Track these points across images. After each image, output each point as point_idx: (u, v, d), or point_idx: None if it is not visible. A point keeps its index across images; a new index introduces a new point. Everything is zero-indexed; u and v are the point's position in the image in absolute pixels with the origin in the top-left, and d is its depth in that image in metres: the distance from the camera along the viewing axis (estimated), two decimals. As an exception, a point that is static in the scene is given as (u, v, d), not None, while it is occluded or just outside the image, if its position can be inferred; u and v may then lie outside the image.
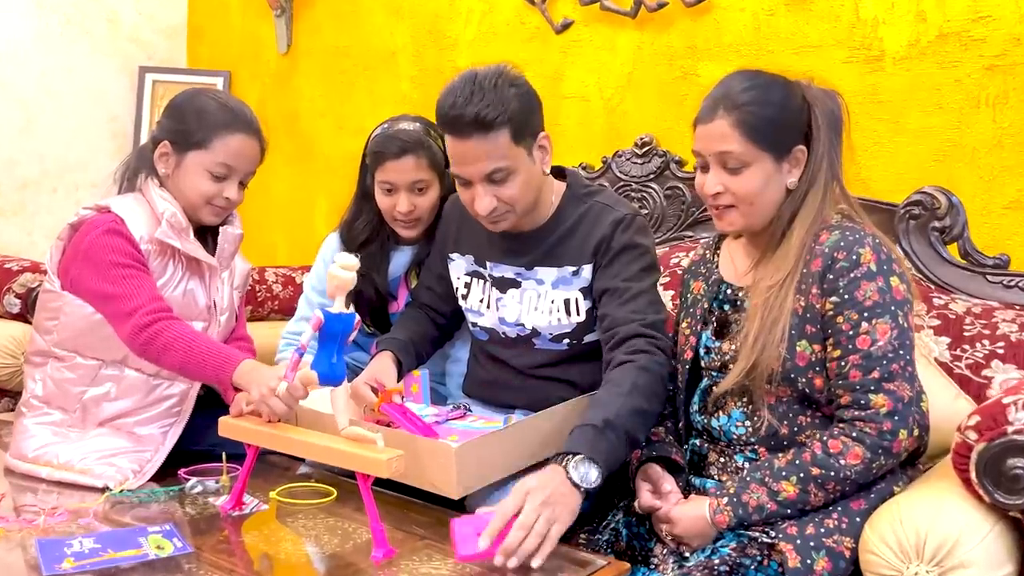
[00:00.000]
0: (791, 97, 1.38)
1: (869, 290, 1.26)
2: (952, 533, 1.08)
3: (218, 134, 1.46)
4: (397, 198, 1.75)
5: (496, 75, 1.45)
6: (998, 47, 1.98)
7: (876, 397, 1.23)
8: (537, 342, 1.59)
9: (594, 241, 1.54)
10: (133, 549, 1.09)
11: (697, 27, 2.41)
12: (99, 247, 1.39)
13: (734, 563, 1.20)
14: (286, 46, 3.40)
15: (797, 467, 1.25)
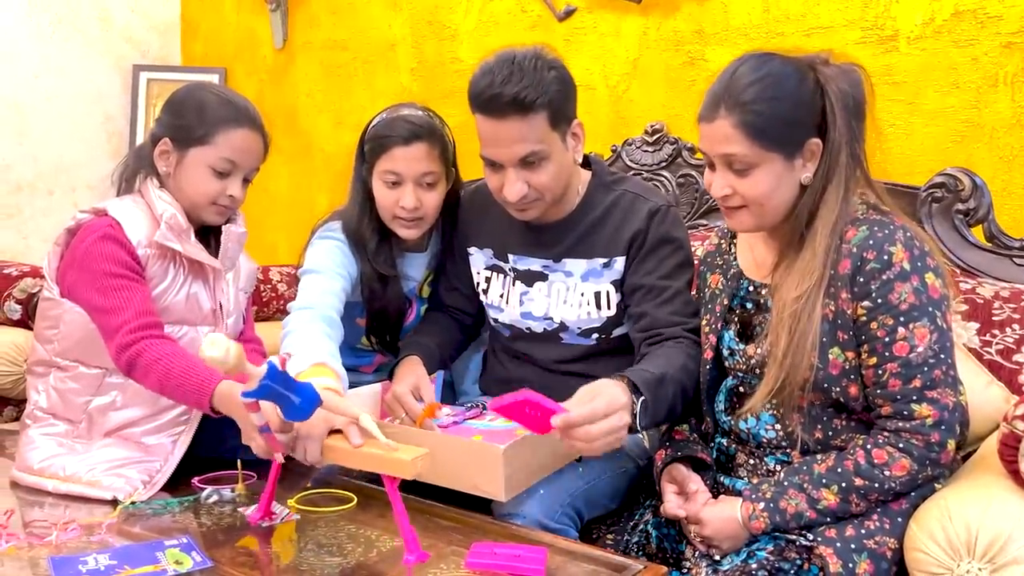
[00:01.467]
0: (801, 88, 1.25)
1: (904, 292, 1.19)
2: (1004, 528, 1.04)
3: (221, 129, 1.41)
4: (402, 192, 1.58)
5: (535, 56, 1.41)
6: (1015, 24, 1.93)
7: (920, 407, 1.17)
8: (565, 336, 1.55)
9: (629, 233, 1.49)
10: (151, 565, 1.05)
11: (704, 11, 2.36)
12: (93, 254, 1.34)
13: (772, 567, 1.16)
14: (282, 41, 3.34)
15: (839, 475, 1.20)
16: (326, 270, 1.58)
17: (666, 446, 1.39)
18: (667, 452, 1.37)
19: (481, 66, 1.44)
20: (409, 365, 1.54)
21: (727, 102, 1.24)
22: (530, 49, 1.43)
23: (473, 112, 1.45)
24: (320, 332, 1.43)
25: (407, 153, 1.57)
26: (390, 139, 1.58)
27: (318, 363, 1.34)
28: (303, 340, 1.40)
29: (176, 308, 1.42)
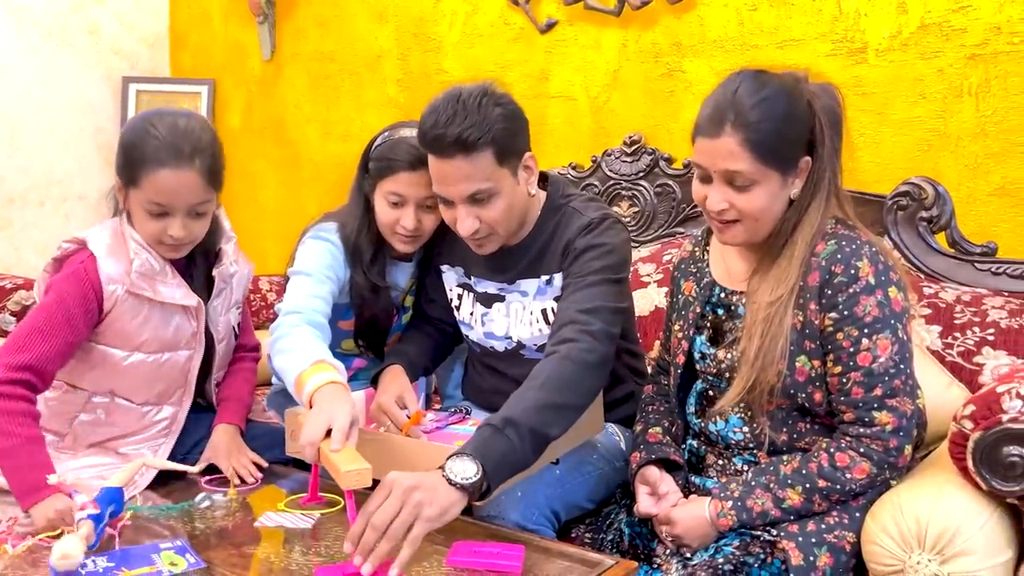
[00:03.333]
0: (798, 107, 1.29)
1: (869, 305, 1.24)
2: (952, 522, 1.10)
3: (145, 171, 1.35)
4: (403, 212, 1.61)
5: (481, 94, 1.42)
6: (979, 36, 2.01)
7: (880, 415, 1.23)
8: (525, 353, 1.59)
9: (562, 247, 1.51)
10: (147, 566, 1.10)
11: (681, 24, 2.42)
12: (54, 292, 1.37)
13: (738, 561, 1.21)
14: (270, 52, 3.40)
15: (804, 477, 1.25)
16: (315, 273, 1.62)
17: (640, 449, 1.44)
18: (641, 455, 1.43)
19: (430, 105, 1.45)
20: (392, 375, 1.58)
21: (732, 120, 1.25)
22: (477, 86, 1.44)
23: (422, 150, 1.48)
24: (310, 335, 1.47)
25: (412, 178, 1.59)
26: (397, 163, 1.60)
27: (317, 361, 1.38)
28: (297, 343, 1.45)
29: (156, 340, 1.43)
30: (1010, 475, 1.10)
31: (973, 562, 1.09)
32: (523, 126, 1.48)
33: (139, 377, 1.43)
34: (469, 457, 1.16)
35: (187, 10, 3.66)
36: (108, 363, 1.41)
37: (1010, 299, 1.66)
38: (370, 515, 1.07)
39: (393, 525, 1.07)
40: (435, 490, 1.12)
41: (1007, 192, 1.98)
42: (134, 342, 1.42)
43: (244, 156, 3.55)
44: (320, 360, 1.38)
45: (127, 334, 1.42)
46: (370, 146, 1.72)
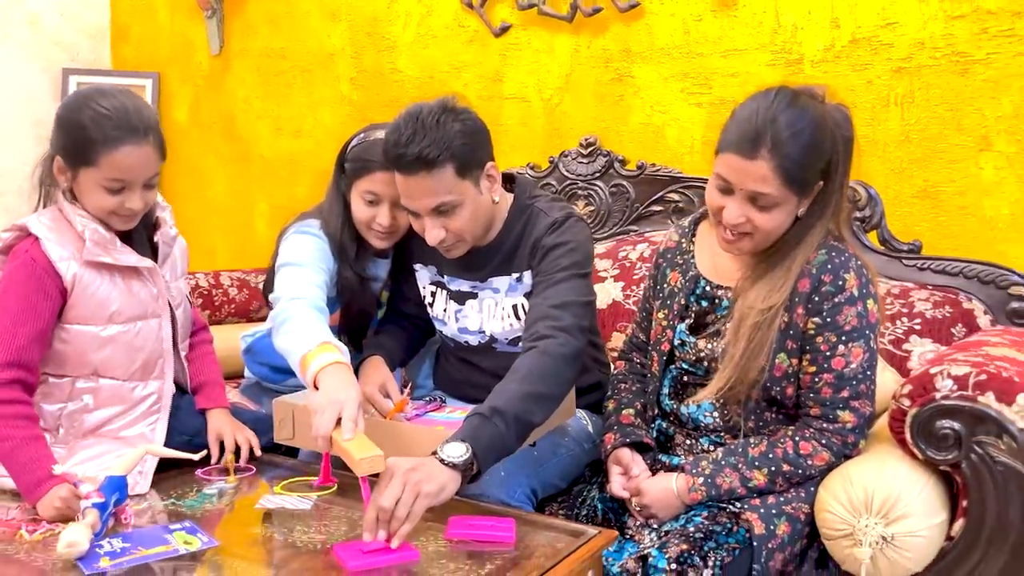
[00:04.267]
0: (825, 139, 1.35)
1: (850, 315, 1.35)
2: (895, 489, 1.25)
3: (103, 151, 1.37)
4: (378, 210, 1.68)
5: (440, 111, 1.48)
6: (904, 51, 2.18)
7: (844, 414, 1.36)
8: (497, 347, 1.68)
9: (530, 246, 1.61)
10: (162, 545, 1.15)
11: (631, 31, 2.55)
12: (6, 283, 1.39)
13: (707, 530, 1.33)
14: (218, 47, 3.40)
15: (770, 460, 1.37)
16: (308, 263, 1.67)
17: (614, 430, 1.55)
18: (615, 437, 1.53)
19: (392, 123, 1.51)
20: (375, 366, 1.65)
21: (770, 146, 1.30)
22: (438, 103, 1.50)
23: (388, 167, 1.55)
24: (315, 317, 1.53)
25: (387, 178, 1.64)
26: (372, 163, 1.66)
27: (323, 342, 1.44)
28: (302, 324, 1.50)
29: (126, 308, 1.46)
30: (943, 446, 1.25)
31: (913, 523, 1.24)
32: (483, 139, 1.55)
33: (119, 349, 1.45)
34: (460, 441, 1.27)
35: (130, 2, 3.63)
36: (86, 341, 1.43)
37: (934, 292, 1.83)
38: (377, 501, 1.17)
39: (401, 503, 1.16)
40: (431, 470, 1.21)
41: (928, 194, 2.17)
42: (106, 313, 1.44)
43: (191, 151, 3.54)
44: (325, 341, 1.44)
45: (96, 306, 1.43)
46: (345, 147, 1.79)
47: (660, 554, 1.29)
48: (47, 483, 1.28)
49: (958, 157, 2.14)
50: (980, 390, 1.23)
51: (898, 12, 2.18)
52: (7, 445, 1.32)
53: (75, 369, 1.42)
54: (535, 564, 1.15)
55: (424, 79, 2.94)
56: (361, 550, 1.16)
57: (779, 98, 1.34)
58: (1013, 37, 2.05)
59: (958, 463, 1.24)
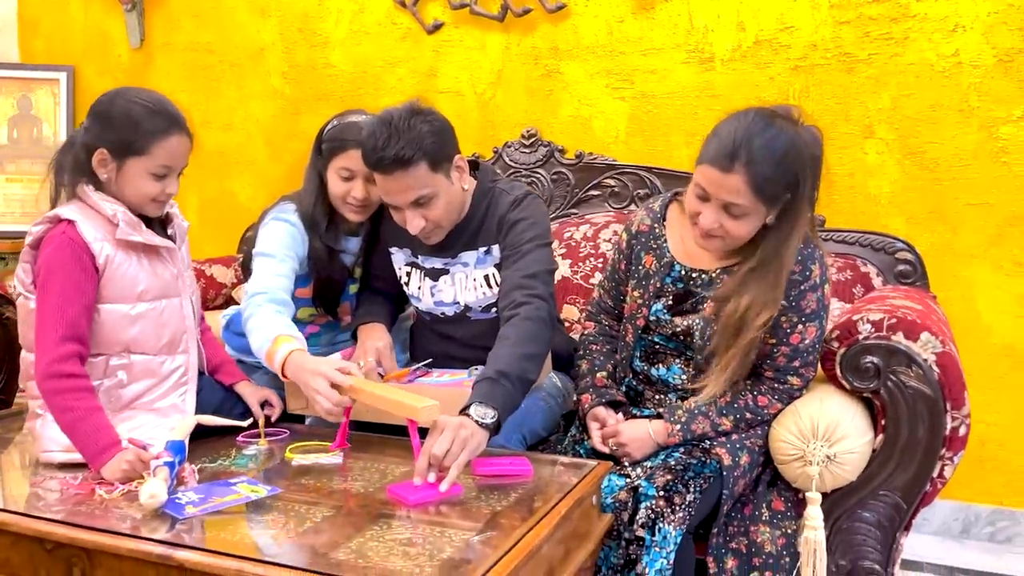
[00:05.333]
0: (798, 159, 1.49)
1: (811, 300, 1.56)
2: (834, 416, 1.54)
3: (156, 140, 1.52)
4: (353, 185, 1.85)
5: (409, 115, 1.65)
6: (800, 52, 2.51)
7: (793, 378, 1.60)
8: (471, 315, 1.88)
9: (496, 221, 1.81)
10: (233, 495, 1.29)
11: (558, 31, 2.78)
12: (48, 266, 1.49)
13: (685, 463, 1.58)
14: (139, 41, 3.41)
15: (735, 409, 1.61)
16: (277, 253, 1.85)
17: (589, 391, 1.76)
18: (592, 398, 1.74)
19: (366, 130, 1.68)
20: (377, 329, 1.84)
21: (744, 162, 1.45)
22: (406, 108, 1.67)
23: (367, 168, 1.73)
24: (271, 312, 1.71)
25: (359, 154, 1.78)
26: (348, 142, 1.83)
27: (278, 335, 1.63)
28: (260, 323, 1.68)
29: (152, 288, 1.58)
30: (865, 377, 1.54)
31: (850, 443, 1.53)
32: (449, 135, 1.74)
33: (147, 326, 1.56)
34: (485, 404, 1.47)
35: (40, -6, 3.58)
36: (117, 319, 1.54)
37: (836, 259, 2.15)
38: (430, 450, 1.36)
39: (450, 453, 1.36)
40: (473, 429, 1.42)
41: (823, 176, 2.49)
42: (135, 292, 1.56)
43: (113, 144, 3.54)
44: (279, 335, 1.63)
45: (126, 286, 1.55)
46: (321, 131, 1.97)
47: (649, 484, 1.53)
48: (112, 449, 1.40)
49: (847, 144, 2.48)
50: (892, 331, 1.53)
51: (794, 17, 2.50)
52: (70, 416, 1.42)
53: (108, 347, 1.53)
54: (555, 490, 1.37)
55: (358, 74, 3.08)
56: (410, 488, 1.35)
57: (756, 119, 1.49)
58: (891, 40, 2.41)
59: (878, 390, 1.53)
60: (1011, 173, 2.33)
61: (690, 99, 2.64)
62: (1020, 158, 2.31)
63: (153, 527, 1.20)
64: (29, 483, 1.39)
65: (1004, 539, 2.38)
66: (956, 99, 2.36)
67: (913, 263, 2.13)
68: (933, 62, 2.37)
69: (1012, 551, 2.33)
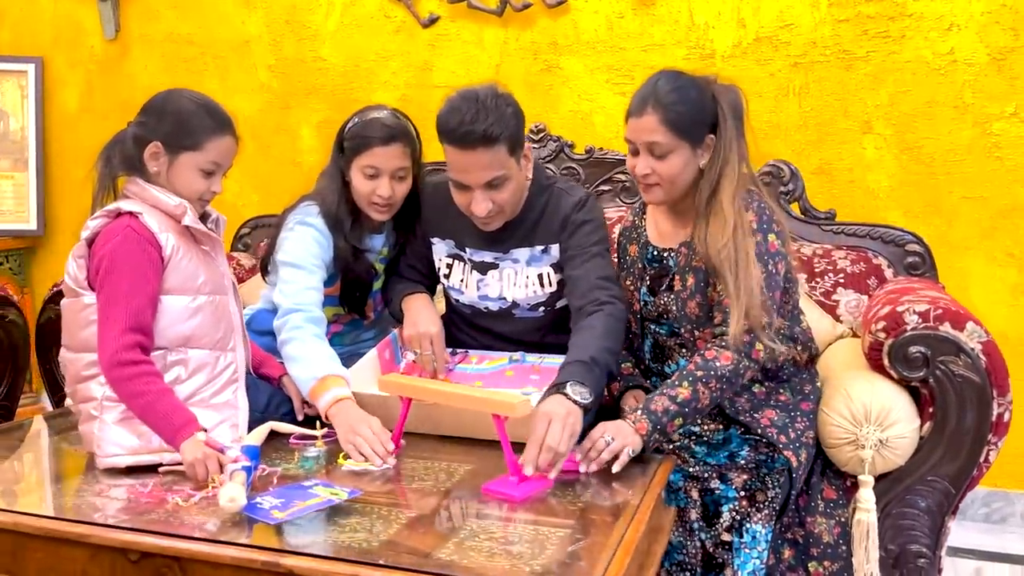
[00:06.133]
0: (704, 96, 1.64)
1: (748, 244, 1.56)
2: (886, 402, 1.58)
3: (209, 137, 1.54)
4: (379, 183, 1.81)
5: (494, 95, 1.65)
6: (800, 49, 2.56)
7: None
8: (516, 312, 1.86)
9: (558, 221, 1.81)
10: (315, 498, 1.25)
11: (558, 26, 2.78)
12: (113, 258, 1.46)
13: (756, 460, 1.58)
14: (114, 31, 3.30)
15: (685, 375, 1.53)
16: (306, 264, 1.81)
17: (619, 379, 1.79)
18: (620, 385, 1.78)
19: (448, 103, 1.67)
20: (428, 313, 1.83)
21: (653, 103, 1.60)
22: (487, 88, 1.68)
23: (443, 143, 1.70)
24: (313, 337, 1.69)
25: (386, 151, 1.79)
26: (372, 139, 1.80)
27: (327, 375, 1.60)
28: (304, 351, 1.66)
29: (209, 281, 1.56)
30: (914, 366, 1.59)
31: (901, 428, 1.58)
32: (524, 122, 1.75)
33: (206, 319, 1.54)
34: (583, 384, 1.47)
35: (6, -18, 3.43)
36: (178, 311, 1.51)
37: (850, 252, 2.21)
38: (541, 440, 1.36)
39: (562, 442, 1.36)
40: (577, 415, 1.42)
41: (823, 171, 2.57)
42: (195, 283, 1.54)
43: (84, 138, 3.41)
44: (328, 375, 1.60)
45: (187, 277, 1.53)
46: (342, 129, 1.91)
47: (727, 486, 1.55)
48: (189, 427, 1.37)
49: (846, 139, 2.55)
50: (939, 321, 1.58)
51: (794, 15, 2.56)
52: (143, 400, 1.40)
53: (168, 341, 1.49)
54: (636, 485, 1.38)
55: (350, 67, 3.03)
56: (508, 484, 1.34)
57: (661, 73, 1.68)
58: (888, 38, 2.48)
59: (926, 379, 1.58)
60: (1004, 167, 2.42)
61: (691, 95, 2.67)
62: (1012, 153, 2.41)
63: (244, 534, 1.16)
64: (95, 491, 1.33)
65: (999, 519, 2.49)
66: (951, 96, 2.44)
67: (922, 255, 2.19)
68: (929, 60, 2.45)
69: (1008, 531, 2.43)
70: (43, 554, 1.19)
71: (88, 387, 1.47)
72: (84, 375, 1.47)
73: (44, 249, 3.51)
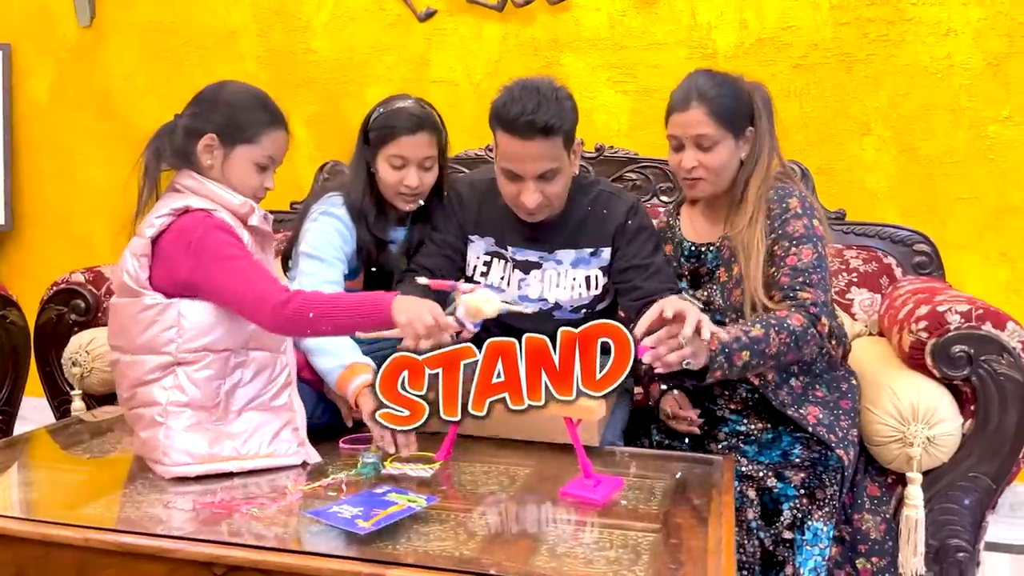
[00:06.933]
0: (741, 92, 1.72)
1: (797, 226, 1.65)
2: (932, 400, 1.61)
3: (265, 129, 1.51)
4: (406, 173, 1.80)
5: (553, 87, 1.66)
6: (801, 50, 2.60)
7: (802, 293, 1.60)
8: (557, 313, 1.84)
9: (612, 226, 1.80)
10: (395, 506, 1.20)
11: (559, 23, 2.76)
12: (212, 245, 1.40)
13: (811, 459, 1.61)
14: (88, 19, 3.16)
15: (758, 319, 1.58)
16: (327, 256, 1.78)
17: (656, 380, 1.78)
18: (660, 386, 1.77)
19: (506, 92, 1.66)
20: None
21: (697, 97, 1.67)
22: (546, 80, 1.68)
23: (497, 130, 1.68)
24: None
25: (413, 141, 1.79)
26: (399, 129, 1.80)
27: (354, 363, 1.58)
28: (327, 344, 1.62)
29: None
30: (957, 365, 1.62)
31: (946, 426, 1.60)
32: (578, 117, 1.74)
33: None
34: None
35: (-30, -35, 3.25)
36: None
37: (861, 251, 2.25)
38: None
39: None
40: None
41: (823, 171, 2.61)
42: None
43: (56, 129, 3.27)
44: (354, 363, 1.58)
45: None
46: (367, 120, 1.89)
47: (785, 484, 1.57)
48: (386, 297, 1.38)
49: (845, 140, 2.60)
50: (981, 321, 1.61)
51: (796, 17, 2.59)
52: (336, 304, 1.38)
53: (232, 341, 1.43)
54: (707, 485, 1.37)
55: (343, 60, 2.96)
56: (585, 487, 1.32)
57: (700, 71, 1.76)
58: (888, 41, 2.53)
59: (969, 377, 1.62)
60: (997, 170, 2.49)
61: (693, 94, 2.68)
62: (1006, 155, 2.48)
63: (332, 544, 1.12)
64: (162, 501, 1.26)
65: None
66: (948, 99, 2.50)
67: (930, 255, 2.25)
68: (927, 64, 2.51)
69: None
70: (114, 571, 1.12)
71: (150, 391, 1.40)
72: (146, 379, 1.41)
73: (13, 244, 3.35)
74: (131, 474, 1.41)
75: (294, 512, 1.21)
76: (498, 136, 1.68)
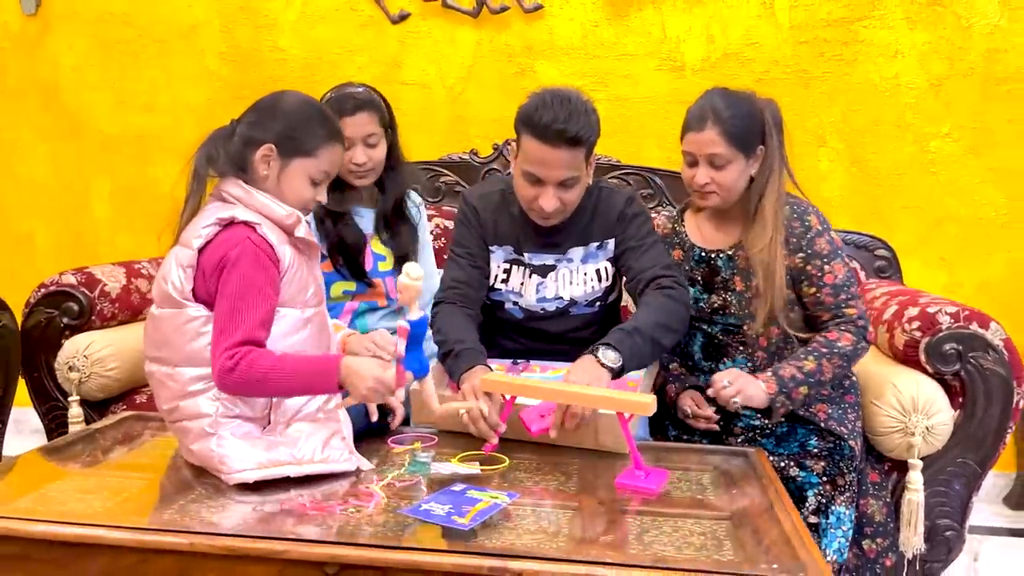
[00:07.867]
0: (754, 111, 1.78)
1: (822, 243, 1.76)
2: (930, 394, 1.76)
3: (323, 144, 1.49)
4: (353, 152, 1.94)
5: (582, 100, 1.72)
6: (763, 66, 2.75)
7: (848, 309, 1.74)
8: (574, 310, 1.90)
9: (613, 217, 1.88)
10: (482, 503, 1.22)
11: (533, 30, 2.82)
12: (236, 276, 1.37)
13: (827, 449, 1.71)
14: (34, 7, 3.02)
15: (810, 351, 1.71)
16: None
17: (671, 381, 1.88)
18: (676, 386, 1.87)
19: (537, 98, 1.71)
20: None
21: (713, 117, 1.74)
22: (575, 91, 1.75)
23: (524, 133, 1.73)
24: None
25: (354, 121, 1.92)
26: (340, 111, 1.89)
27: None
28: None
29: (316, 291, 1.50)
30: (949, 361, 1.77)
31: (942, 417, 1.76)
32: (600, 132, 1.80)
33: (313, 331, 1.48)
34: (612, 348, 1.58)
35: (-103, -58, 3.04)
36: (290, 322, 1.44)
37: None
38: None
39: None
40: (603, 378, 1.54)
41: (786, 182, 2.77)
42: (306, 295, 1.48)
43: (-6, 121, 3.10)
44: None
45: (300, 288, 1.47)
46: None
47: (808, 472, 1.67)
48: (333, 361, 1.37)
49: (802, 152, 2.75)
50: (968, 321, 1.77)
51: (759, 35, 2.74)
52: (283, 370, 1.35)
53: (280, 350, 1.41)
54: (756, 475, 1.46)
55: (312, 59, 2.93)
56: (637, 478, 1.39)
57: (716, 90, 1.83)
58: (842, 60, 2.71)
59: (959, 372, 1.78)
60: (938, 182, 2.71)
61: (662, 104, 2.80)
62: (945, 169, 2.70)
63: (439, 539, 1.13)
64: (252, 507, 1.25)
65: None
66: (895, 116, 2.71)
67: (889, 259, 2.43)
68: (877, 83, 2.70)
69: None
70: (217, 575, 1.12)
71: (197, 403, 1.37)
72: (191, 391, 1.38)
73: (-55, 244, 3.15)
74: (186, 481, 1.39)
75: (388, 511, 1.22)
76: (524, 140, 1.73)
